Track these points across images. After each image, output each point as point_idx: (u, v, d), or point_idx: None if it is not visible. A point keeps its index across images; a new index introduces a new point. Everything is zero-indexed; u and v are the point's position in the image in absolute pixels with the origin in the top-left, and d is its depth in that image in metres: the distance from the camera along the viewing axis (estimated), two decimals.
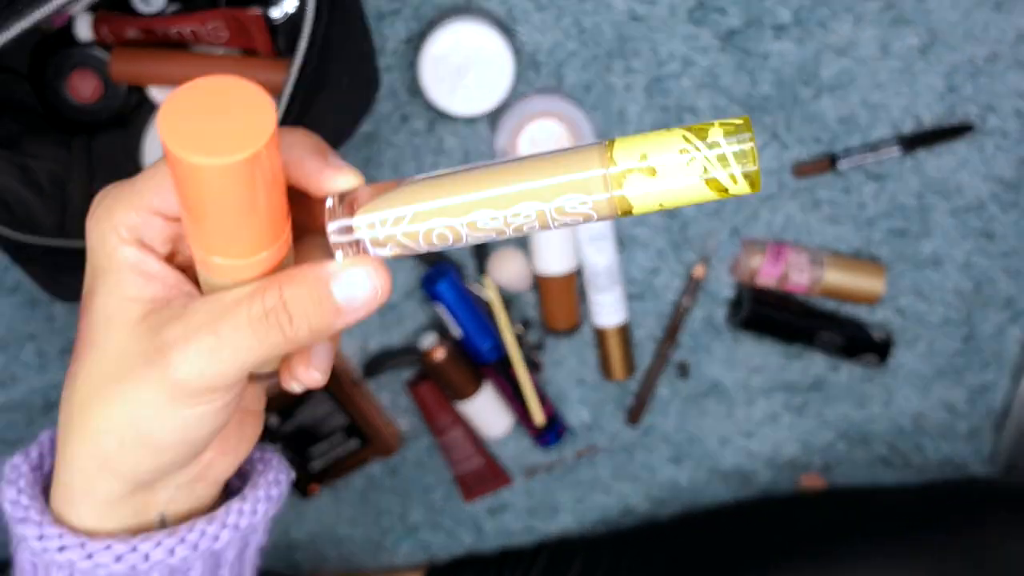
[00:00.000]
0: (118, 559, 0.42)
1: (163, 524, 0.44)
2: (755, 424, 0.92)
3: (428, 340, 0.85)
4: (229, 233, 0.37)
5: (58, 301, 0.78)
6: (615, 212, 0.37)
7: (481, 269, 0.85)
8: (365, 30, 0.69)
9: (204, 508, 0.45)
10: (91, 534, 0.42)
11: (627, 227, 0.85)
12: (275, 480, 0.47)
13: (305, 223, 0.42)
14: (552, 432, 0.89)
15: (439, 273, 0.83)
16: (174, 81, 0.72)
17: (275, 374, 0.44)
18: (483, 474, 0.90)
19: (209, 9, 0.69)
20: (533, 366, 0.88)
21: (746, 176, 0.35)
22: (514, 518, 0.93)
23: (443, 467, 0.91)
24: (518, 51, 0.79)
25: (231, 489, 0.48)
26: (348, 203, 0.38)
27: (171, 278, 0.41)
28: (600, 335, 0.87)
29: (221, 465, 0.45)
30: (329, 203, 0.39)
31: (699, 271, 0.86)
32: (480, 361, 0.85)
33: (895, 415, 0.92)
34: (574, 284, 0.85)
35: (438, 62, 0.76)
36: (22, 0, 0.57)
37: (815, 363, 0.90)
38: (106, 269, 0.41)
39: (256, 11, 0.68)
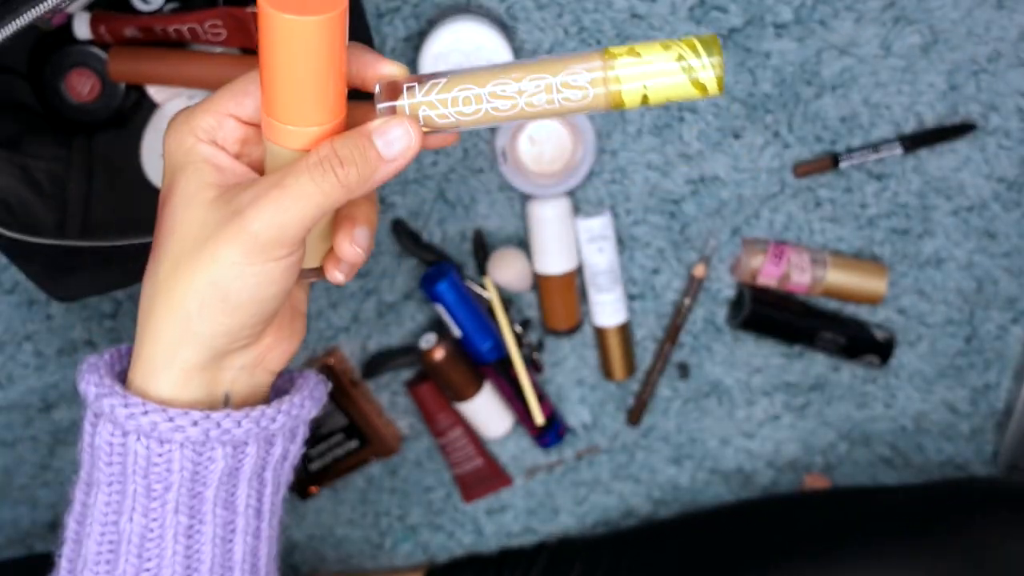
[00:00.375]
0: (195, 423, 0.48)
1: (227, 403, 0.51)
2: (756, 424, 0.91)
3: (428, 340, 0.85)
4: (298, 95, 0.46)
5: (56, 301, 0.78)
6: (608, 93, 0.46)
7: (481, 269, 0.85)
8: (365, 29, 0.69)
9: (259, 398, 0.53)
10: (169, 403, 0.49)
11: (627, 227, 0.85)
12: (316, 386, 0.55)
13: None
14: (552, 432, 0.88)
15: (439, 273, 0.82)
16: (172, 80, 0.71)
17: (320, 271, 0.53)
18: (483, 474, 0.90)
19: (207, 8, 0.69)
20: (533, 366, 0.88)
21: (717, 78, 0.46)
22: (514, 518, 0.93)
23: (443, 467, 0.91)
24: (518, 50, 0.79)
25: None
26: (393, 89, 0.48)
27: (240, 169, 0.49)
28: (600, 335, 0.87)
29: (276, 353, 0.52)
30: (377, 89, 0.48)
31: (699, 271, 0.85)
32: (480, 361, 0.85)
33: (897, 415, 0.92)
34: (574, 284, 0.85)
35: (438, 61, 0.75)
36: None
37: (816, 363, 0.90)
38: (184, 164, 0.49)
39: (255, 9, 0.68)
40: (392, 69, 0.49)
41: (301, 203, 0.46)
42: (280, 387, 0.56)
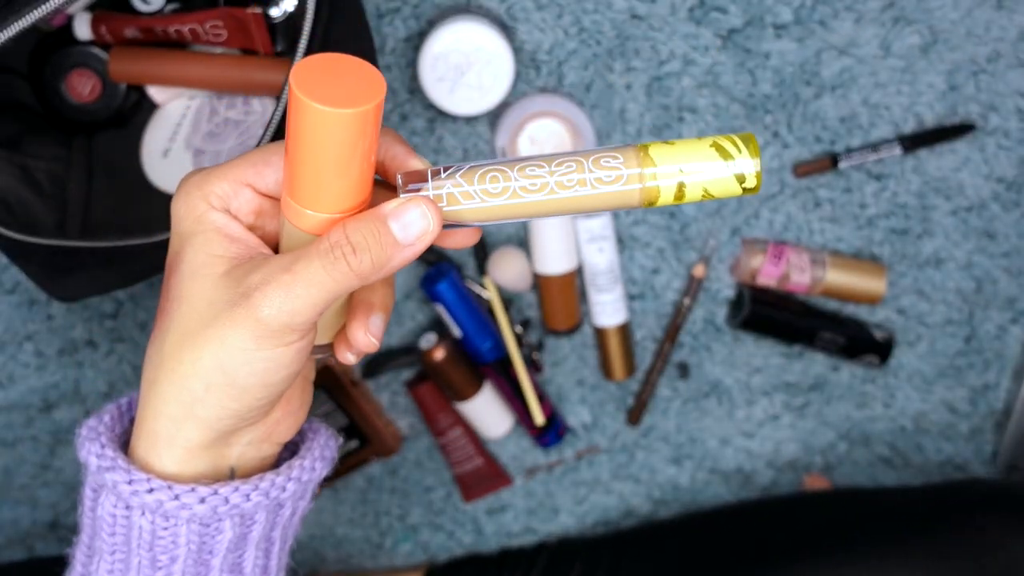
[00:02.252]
0: (202, 500, 0.47)
1: (232, 476, 0.49)
2: (756, 424, 0.91)
3: (428, 340, 0.85)
4: (323, 183, 0.43)
5: (57, 301, 0.78)
6: (642, 174, 0.43)
7: (481, 269, 0.85)
8: (365, 29, 0.69)
9: (266, 468, 0.51)
10: (174, 479, 0.47)
11: (627, 227, 0.85)
12: (326, 444, 0.53)
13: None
14: (552, 432, 0.88)
15: (439, 273, 0.82)
16: (173, 80, 0.72)
17: (330, 347, 0.50)
18: (483, 474, 0.90)
19: (208, 8, 0.69)
20: (533, 366, 0.88)
21: (757, 173, 0.44)
22: (514, 518, 0.93)
23: (443, 467, 0.91)
24: (518, 50, 0.79)
25: (281, 460, 0.53)
26: (416, 178, 0.45)
27: (252, 241, 0.46)
28: (600, 335, 0.87)
29: (285, 425, 0.50)
30: (399, 180, 0.45)
31: (699, 271, 0.85)
32: (480, 361, 0.85)
33: (896, 415, 0.92)
34: (574, 284, 0.85)
35: (438, 61, 0.75)
36: (20, 0, 0.57)
37: (816, 363, 0.90)
38: (194, 232, 0.46)
39: (255, 10, 0.68)
40: (419, 163, 0.47)
41: (312, 290, 0.43)
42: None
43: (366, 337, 0.48)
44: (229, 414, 0.46)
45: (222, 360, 0.44)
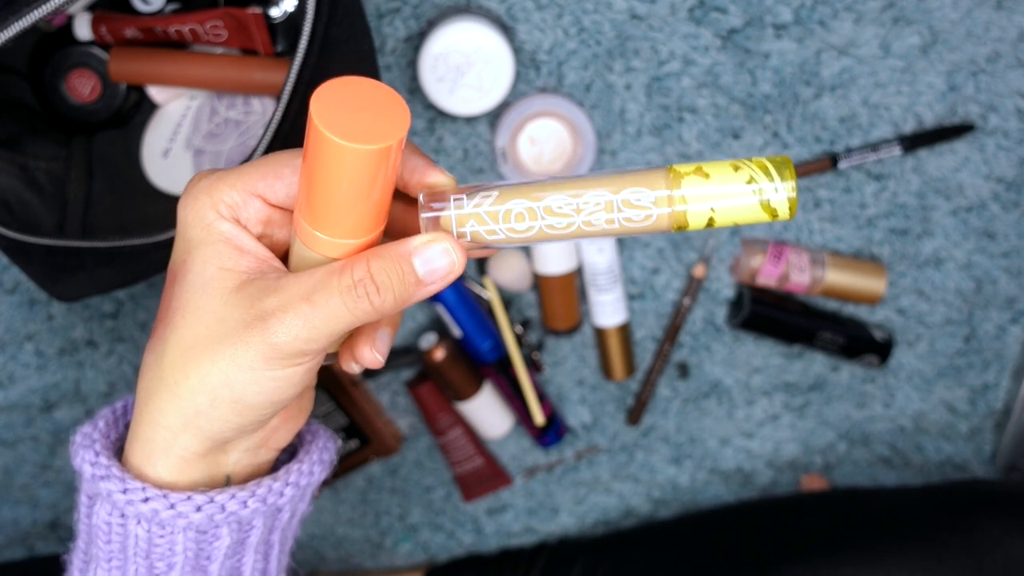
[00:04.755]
0: (198, 509, 0.46)
1: (228, 484, 0.49)
2: (755, 424, 0.91)
3: (428, 340, 0.85)
4: (341, 212, 0.42)
5: (57, 301, 0.78)
6: (672, 215, 0.42)
7: (481, 269, 0.85)
8: (365, 29, 0.69)
9: (263, 473, 0.50)
10: (169, 488, 0.47)
11: None
12: (325, 447, 0.52)
13: (394, 230, 0.48)
14: (552, 432, 0.88)
15: None
16: (173, 81, 0.72)
17: (335, 356, 0.50)
18: (483, 474, 0.90)
19: (208, 8, 0.69)
20: (533, 366, 0.88)
21: (790, 201, 0.42)
22: (514, 518, 0.93)
23: (443, 467, 0.91)
24: (518, 50, 0.79)
25: (279, 462, 0.53)
26: (439, 199, 0.44)
27: (263, 253, 0.45)
28: (600, 335, 0.87)
29: (283, 432, 0.50)
30: (421, 198, 0.44)
31: (699, 271, 0.86)
32: (480, 361, 0.85)
33: (896, 415, 0.92)
34: (574, 284, 0.85)
35: (438, 61, 0.75)
36: (20, 0, 0.57)
37: (815, 363, 0.90)
38: (202, 240, 0.45)
39: (255, 10, 0.68)
40: (441, 178, 0.46)
41: (331, 322, 0.43)
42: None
43: (372, 354, 0.48)
44: (232, 427, 0.46)
45: (231, 377, 0.44)
